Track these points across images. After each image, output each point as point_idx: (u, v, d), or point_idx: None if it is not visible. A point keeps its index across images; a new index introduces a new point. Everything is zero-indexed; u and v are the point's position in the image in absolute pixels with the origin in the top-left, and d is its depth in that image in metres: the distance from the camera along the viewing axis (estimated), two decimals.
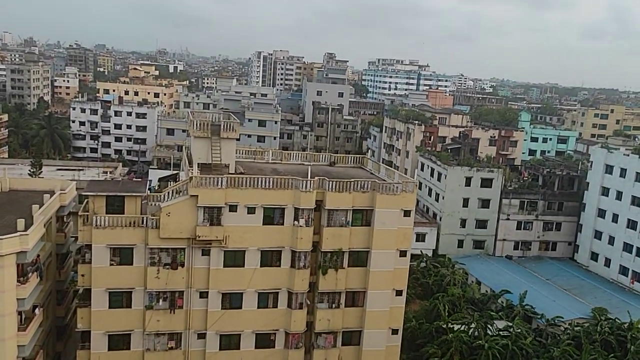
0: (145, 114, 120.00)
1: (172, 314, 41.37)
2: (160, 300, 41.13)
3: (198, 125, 45.20)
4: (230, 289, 42.15)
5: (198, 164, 44.24)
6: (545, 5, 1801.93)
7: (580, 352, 50.22)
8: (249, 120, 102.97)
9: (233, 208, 41.14)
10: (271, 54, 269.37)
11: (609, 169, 75.68)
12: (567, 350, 50.48)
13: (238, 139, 46.64)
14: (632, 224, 71.41)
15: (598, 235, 76.47)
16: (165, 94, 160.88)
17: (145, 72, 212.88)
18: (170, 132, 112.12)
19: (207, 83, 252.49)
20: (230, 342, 42.98)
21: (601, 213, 76.24)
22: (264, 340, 43.54)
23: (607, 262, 74.79)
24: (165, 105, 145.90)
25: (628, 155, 74.15)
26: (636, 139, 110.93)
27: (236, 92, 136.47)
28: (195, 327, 42.14)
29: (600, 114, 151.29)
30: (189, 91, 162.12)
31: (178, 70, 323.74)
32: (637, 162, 71.56)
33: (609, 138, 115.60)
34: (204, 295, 41.80)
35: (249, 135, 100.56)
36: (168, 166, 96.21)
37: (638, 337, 52.74)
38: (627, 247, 71.82)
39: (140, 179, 71.13)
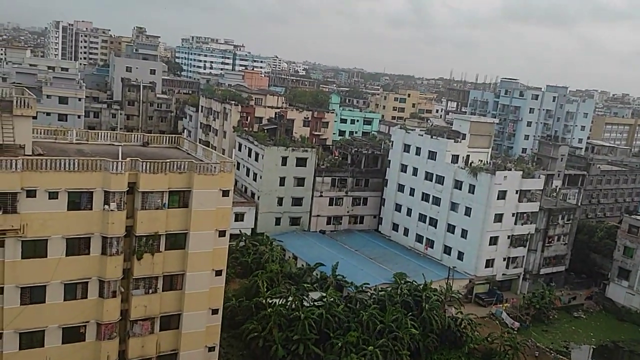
0: None
1: None
2: None
3: None
4: (31, 282, 38.13)
5: None
6: None
7: (385, 313, 55.54)
8: (48, 96, 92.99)
9: (31, 193, 37.11)
10: (72, 25, 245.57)
11: (407, 148, 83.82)
12: (374, 313, 55.43)
13: (35, 117, 41.90)
14: (425, 197, 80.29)
15: (398, 207, 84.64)
16: None
17: None
18: None
19: None
20: (32, 339, 39.02)
21: (401, 188, 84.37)
22: (72, 335, 40.34)
23: (406, 232, 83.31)
24: None
25: (422, 135, 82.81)
26: (429, 121, 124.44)
27: (31, 65, 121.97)
28: None
29: (399, 98, 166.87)
30: None
31: None
32: (429, 142, 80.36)
33: (407, 120, 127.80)
34: None
35: (48, 114, 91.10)
36: None
37: (431, 296, 60.02)
38: (422, 218, 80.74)
39: None
